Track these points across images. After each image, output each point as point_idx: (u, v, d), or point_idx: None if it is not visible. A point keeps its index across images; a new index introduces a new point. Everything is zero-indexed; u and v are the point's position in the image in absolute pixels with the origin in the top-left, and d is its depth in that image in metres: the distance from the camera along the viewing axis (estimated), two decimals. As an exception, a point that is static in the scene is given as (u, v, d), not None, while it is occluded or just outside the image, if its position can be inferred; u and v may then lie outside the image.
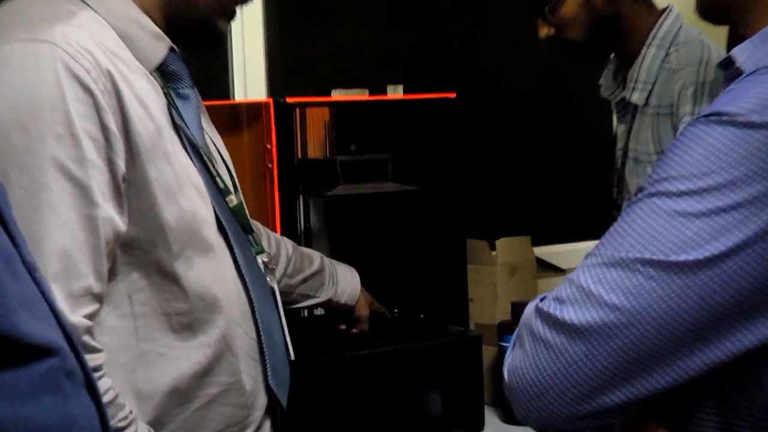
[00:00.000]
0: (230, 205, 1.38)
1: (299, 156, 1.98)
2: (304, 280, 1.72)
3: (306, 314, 1.97)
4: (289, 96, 1.86)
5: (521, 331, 0.98)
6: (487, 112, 2.68)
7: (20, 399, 0.71)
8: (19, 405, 0.71)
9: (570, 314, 0.93)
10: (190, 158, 1.32)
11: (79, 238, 1.18)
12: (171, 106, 1.32)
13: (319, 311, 1.93)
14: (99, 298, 1.22)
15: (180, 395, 1.29)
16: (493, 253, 2.28)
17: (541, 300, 0.98)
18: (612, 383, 0.92)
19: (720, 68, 1.04)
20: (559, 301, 0.95)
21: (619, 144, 1.96)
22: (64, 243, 1.16)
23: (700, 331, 0.90)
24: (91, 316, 1.20)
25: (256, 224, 1.70)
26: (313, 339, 1.88)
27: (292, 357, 1.45)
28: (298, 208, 2.00)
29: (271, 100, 1.83)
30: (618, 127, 1.97)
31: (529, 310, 0.99)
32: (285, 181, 1.83)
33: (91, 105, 1.18)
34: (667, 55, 1.87)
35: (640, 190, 0.95)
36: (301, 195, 1.99)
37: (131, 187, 1.24)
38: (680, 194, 0.91)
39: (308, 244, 2.02)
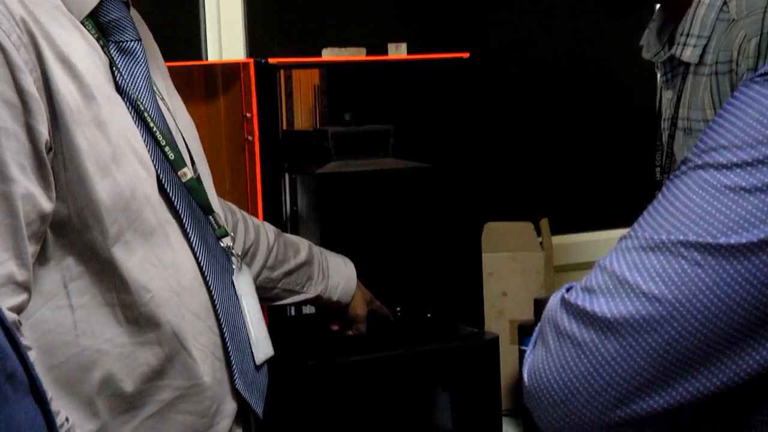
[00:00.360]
0: (183, 180, 1.35)
1: (284, 127, 1.96)
2: (288, 273, 1.71)
3: (293, 312, 1.95)
4: (272, 56, 1.84)
5: (544, 326, 0.97)
6: (505, 75, 2.66)
7: None
8: None
9: (602, 306, 0.92)
10: (136, 125, 1.30)
11: None
12: (112, 63, 1.30)
13: (309, 309, 1.91)
14: (24, 287, 1.20)
15: (126, 401, 1.28)
16: (539, 238, 2.27)
17: (567, 290, 0.97)
18: (650, 386, 0.92)
19: None
20: (589, 291, 0.94)
21: (666, 113, 1.96)
22: None
23: (754, 325, 0.89)
24: (17, 309, 1.18)
25: (230, 206, 1.67)
26: (300, 341, 1.86)
27: (257, 360, 1.42)
28: (284, 187, 1.98)
29: (251, 61, 1.80)
30: (664, 93, 1.96)
31: (554, 302, 0.98)
32: (268, 156, 1.82)
33: (3, 62, 1.16)
34: (724, 3, 1.86)
35: (685, 162, 0.94)
36: (286, 173, 1.97)
37: (58, 157, 1.22)
38: (732, 166, 0.90)
39: (295, 231, 2.00)
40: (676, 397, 0.92)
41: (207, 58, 2.34)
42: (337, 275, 1.77)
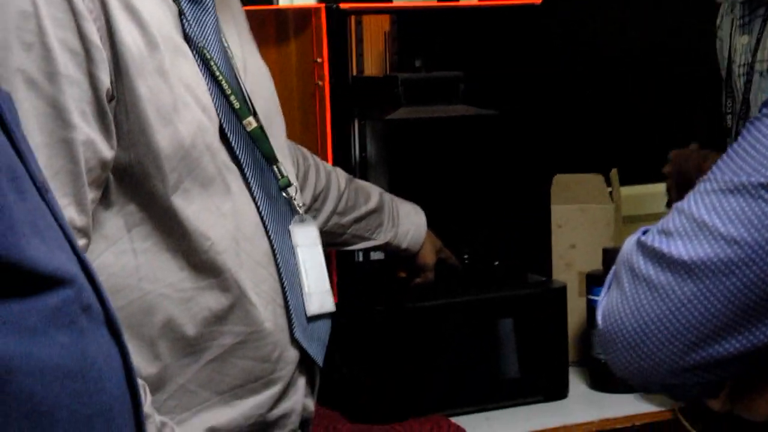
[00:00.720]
0: (248, 129, 1.36)
1: (354, 73, 1.96)
2: (358, 219, 1.71)
3: (361, 258, 1.96)
4: (344, 1, 1.84)
5: (619, 269, 0.97)
6: (581, 22, 2.62)
7: (30, 334, 0.71)
8: (29, 341, 0.70)
9: (679, 249, 0.92)
10: (201, 73, 1.31)
11: (53, 165, 1.17)
12: (181, 13, 1.31)
13: (379, 255, 1.92)
14: (84, 232, 1.22)
15: (188, 344, 1.30)
16: (609, 189, 2.25)
17: (644, 233, 0.97)
18: (727, 329, 0.91)
19: None
20: (666, 233, 0.93)
21: (741, 59, 1.90)
22: None
23: None
24: None
25: (302, 151, 1.68)
26: (368, 287, 1.87)
27: (308, 312, 1.41)
28: (353, 133, 1.98)
29: (322, 6, 1.80)
30: (738, 39, 1.91)
31: (629, 244, 0.97)
32: (338, 102, 1.81)
33: (67, 10, 1.18)
34: None
35: (766, 104, 0.93)
36: (356, 119, 1.97)
37: (120, 105, 1.23)
38: None
39: (364, 177, 2.00)
40: (753, 341, 0.91)
41: (278, 2, 2.34)
42: (407, 223, 1.77)
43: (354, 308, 1.80)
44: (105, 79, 1.21)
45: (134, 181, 1.26)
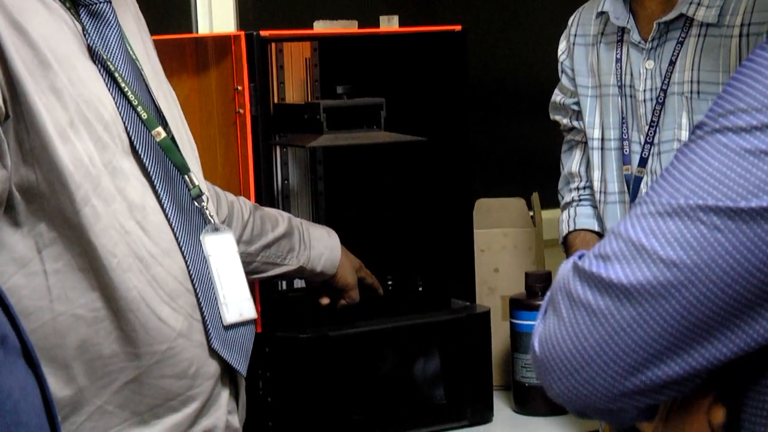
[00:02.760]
0: (157, 139, 1.37)
1: (276, 100, 1.98)
2: (267, 246, 1.70)
3: (284, 286, 1.97)
4: (263, 29, 1.85)
5: (555, 295, 0.97)
6: (498, 48, 2.67)
7: None
8: None
9: (617, 273, 0.92)
10: (107, 86, 1.32)
11: None
12: (83, 28, 1.32)
13: (302, 283, 1.93)
14: None
15: (103, 365, 1.30)
16: (530, 213, 2.28)
17: (580, 257, 0.97)
18: (666, 353, 0.91)
19: None
20: (604, 258, 0.93)
21: (645, 84, 1.89)
22: None
23: None
24: None
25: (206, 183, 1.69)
26: (292, 315, 1.88)
27: (225, 321, 1.41)
28: (275, 161, 2.00)
29: (242, 33, 1.81)
30: (643, 63, 1.89)
31: (565, 269, 0.97)
32: (259, 129, 1.82)
33: None
34: None
35: (700, 126, 0.93)
36: (278, 146, 1.99)
37: (20, 123, 1.24)
38: (751, 129, 0.89)
39: (286, 204, 2.02)
40: (692, 364, 0.91)
41: (197, 31, 2.35)
42: (320, 246, 1.76)
43: (278, 337, 1.81)
44: None
45: (43, 199, 1.27)
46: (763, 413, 0.96)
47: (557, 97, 2.08)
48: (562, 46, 2.06)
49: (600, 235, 2.00)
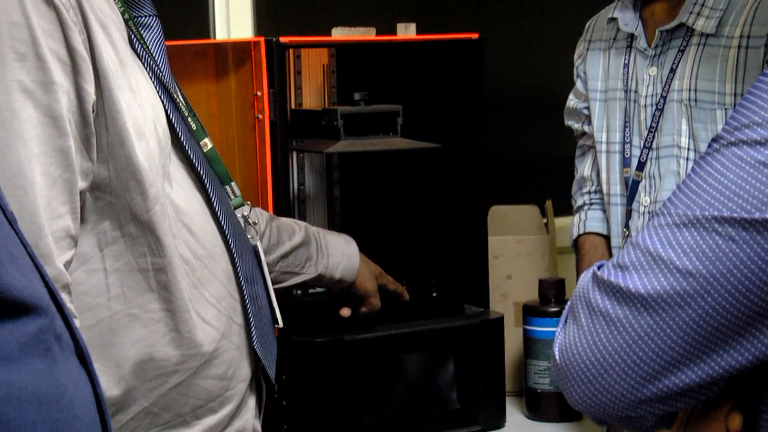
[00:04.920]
0: (204, 150, 1.41)
1: (293, 106, 2.00)
2: (284, 256, 1.72)
3: (299, 292, 2.00)
4: (280, 35, 1.87)
5: (575, 304, 0.99)
6: (516, 56, 2.69)
7: (8, 361, 0.72)
8: (6, 368, 0.72)
9: (635, 282, 0.95)
10: (159, 97, 1.35)
11: (51, 173, 1.20)
12: (135, 36, 1.35)
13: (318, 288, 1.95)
14: (76, 241, 1.25)
15: (155, 367, 1.32)
16: (544, 220, 2.30)
17: (599, 267, 0.99)
18: (683, 361, 0.94)
19: None
20: (622, 268, 0.96)
21: (647, 90, 1.92)
22: (36, 180, 1.19)
23: None
24: (70, 263, 1.23)
25: None
26: (308, 319, 1.90)
27: (280, 323, 1.47)
28: (291, 166, 2.02)
29: (262, 39, 1.84)
30: (647, 69, 1.93)
31: (585, 279, 1.00)
32: (277, 135, 1.84)
33: (55, 20, 1.21)
34: None
35: (716, 139, 0.96)
36: (294, 152, 2.01)
37: (100, 118, 1.26)
38: (766, 142, 0.92)
39: (302, 209, 2.05)
40: (708, 372, 0.94)
41: (215, 36, 2.38)
42: (338, 254, 1.77)
43: (294, 340, 1.83)
44: (90, 90, 1.24)
45: (112, 196, 1.28)
46: None
47: (571, 102, 2.11)
48: (579, 50, 2.09)
49: (608, 238, 2.04)
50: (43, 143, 1.20)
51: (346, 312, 1.84)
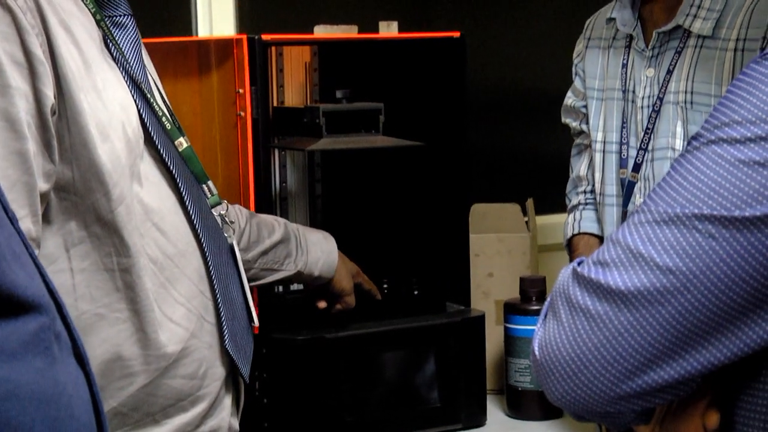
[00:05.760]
0: (179, 149, 1.42)
1: (275, 103, 2.00)
2: (264, 253, 1.72)
3: (281, 290, 2.00)
4: (262, 32, 1.87)
5: (555, 300, 1.00)
6: (495, 54, 2.70)
7: (9, 358, 0.73)
8: (8, 365, 0.73)
9: (615, 279, 0.95)
10: (132, 96, 1.35)
11: (9, 176, 1.21)
12: (107, 36, 1.35)
13: (297, 286, 1.95)
14: (37, 243, 1.26)
15: (123, 366, 1.33)
16: (525, 218, 2.31)
17: (579, 264, 1.00)
18: (663, 357, 0.95)
19: None
20: (602, 264, 0.97)
21: (644, 91, 1.93)
22: None
23: (766, 296, 0.92)
24: None
25: None
26: (289, 317, 1.90)
27: (255, 322, 1.48)
28: (273, 164, 2.02)
29: (244, 37, 1.84)
30: (644, 71, 1.94)
31: (565, 275, 1.01)
32: (259, 132, 1.85)
33: (11, 24, 1.22)
34: None
35: (696, 137, 0.97)
36: (276, 149, 2.02)
37: (62, 120, 1.27)
38: (745, 140, 0.93)
39: (284, 206, 2.05)
40: (687, 368, 0.95)
41: (197, 33, 2.38)
42: (317, 251, 1.78)
43: (275, 338, 1.84)
44: (49, 93, 1.25)
45: (76, 196, 1.29)
46: (756, 416, 1.00)
47: (569, 99, 2.12)
48: (578, 48, 2.10)
49: (602, 239, 2.04)
50: (1, 146, 1.21)
51: (322, 304, 1.85)
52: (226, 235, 1.50)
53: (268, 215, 1.79)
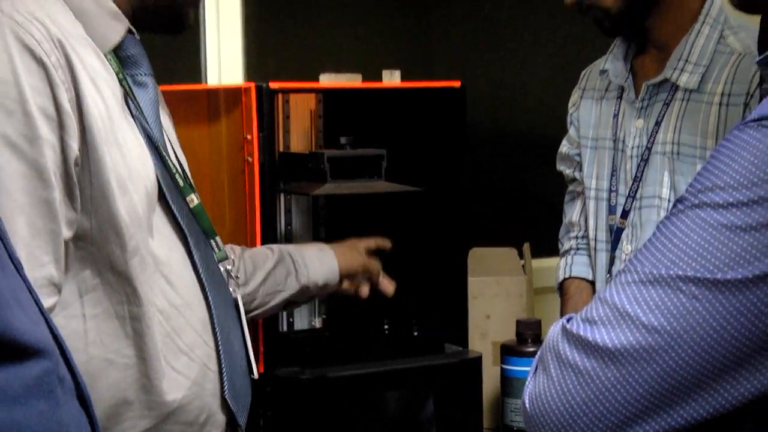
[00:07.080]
0: (191, 206, 1.48)
1: (281, 149, 2.04)
2: (263, 281, 1.75)
3: (285, 327, 2.04)
4: (270, 80, 1.92)
5: (545, 354, 1.04)
6: (496, 104, 2.74)
7: (12, 402, 0.77)
8: (11, 409, 0.76)
9: (603, 336, 0.99)
10: (149, 152, 1.41)
11: (36, 224, 1.27)
12: (128, 94, 1.42)
13: (302, 323, 1.99)
14: (59, 289, 1.31)
15: (128, 410, 1.38)
16: (522, 262, 2.35)
17: (568, 320, 1.04)
18: (648, 412, 0.98)
19: (761, 65, 1.10)
20: (590, 322, 1.00)
21: (634, 141, 1.97)
22: (20, 229, 1.25)
23: (747, 355, 0.94)
24: (51, 309, 1.29)
25: None
26: (293, 355, 1.94)
27: (255, 375, 1.53)
28: (279, 207, 2.06)
29: (252, 85, 1.89)
30: (634, 121, 1.99)
31: (554, 331, 1.05)
32: (265, 177, 1.89)
33: (44, 78, 1.28)
34: (721, 36, 1.91)
35: (681, 200, 1.01)
36: (282, 193, 2.06)
37: (84, 171, 1.33)
38: (728, 206, 0.95)
39: (289, 249, 2.08)
40: (671, 423, 0.98)
41: (207, 80, 2.43)
42: (315, 262, 1.81)
43: (279, 376, 1.87)
44: (74, 145, 1.31)
45: (93, 245, 1.34)
46: None
47: (564, 147, 2.17)
48: (573, 98, 2.16)
49: (593, 283, 2.09)
50: (28, 195, 1.26)
51: (365, 291, 1.87)
52: (231, 289, 1.56)
53: (260, 247, 1.82)
